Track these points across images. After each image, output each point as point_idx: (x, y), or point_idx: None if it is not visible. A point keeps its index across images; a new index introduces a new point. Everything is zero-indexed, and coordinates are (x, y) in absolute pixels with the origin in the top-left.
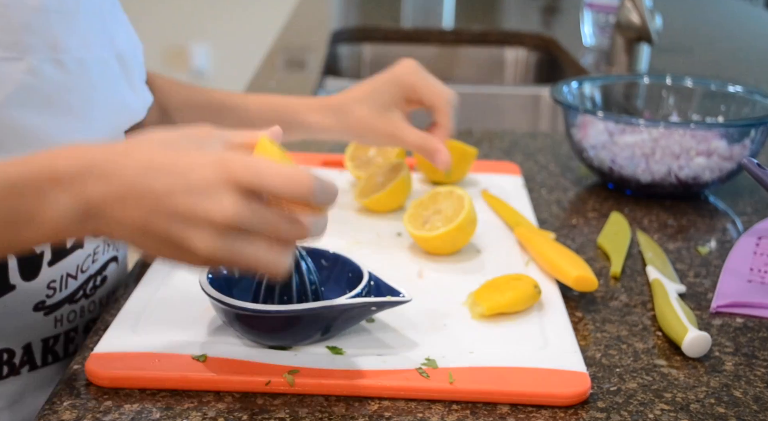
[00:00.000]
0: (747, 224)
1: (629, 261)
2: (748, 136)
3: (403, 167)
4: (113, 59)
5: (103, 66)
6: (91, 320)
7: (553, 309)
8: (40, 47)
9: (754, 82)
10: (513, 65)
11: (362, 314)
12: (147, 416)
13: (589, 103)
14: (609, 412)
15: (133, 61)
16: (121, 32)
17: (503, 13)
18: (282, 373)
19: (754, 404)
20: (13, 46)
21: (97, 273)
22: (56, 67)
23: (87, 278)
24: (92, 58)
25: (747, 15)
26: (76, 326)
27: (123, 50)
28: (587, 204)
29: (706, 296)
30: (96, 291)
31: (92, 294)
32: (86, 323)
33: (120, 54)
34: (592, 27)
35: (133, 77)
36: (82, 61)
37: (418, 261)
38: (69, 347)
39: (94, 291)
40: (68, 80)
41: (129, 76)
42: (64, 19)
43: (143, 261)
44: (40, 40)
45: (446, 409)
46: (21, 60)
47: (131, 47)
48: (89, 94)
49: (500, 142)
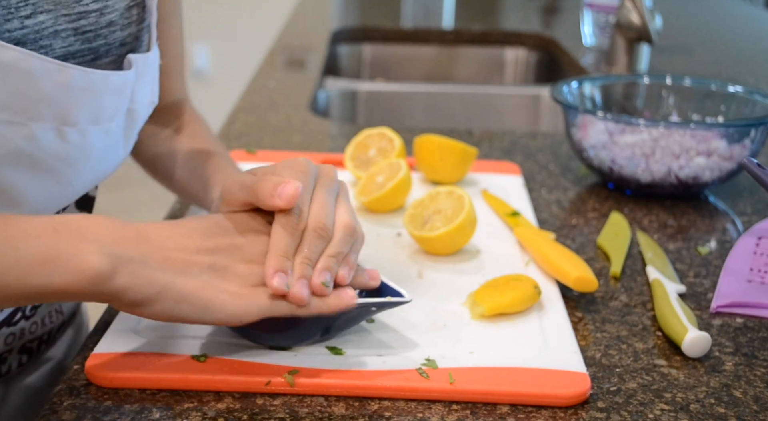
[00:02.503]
0: (747, 224)
1: (629, 261)
2: (748, 136)
3: (403, 167)
4: (122, 117)
5: (106, 135)
6: (30, 340)
7: (553, 309)
8: (48, 118)
9: (754, 82)
10: (513, 65)
11: (362, 314)
12: (147, 416)
13: (589, 103)
14: (609, 412)
15: (143, 115)
16: (146, 89)
17: (503, 13)
18: (282, 373)
19: (754, 404)
20: (22, 113)
21: None
22: (57, 136)
23: None
24: (98, 129)
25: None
26: (11, 347)
27: (139, 106)
28: (587, 204)
29: (706, 296)
30: (36, 311)
31: (32, 315)
32: (22, 344)
33: (133, 108)
34: (592, 27)
35: (133, 130)
36: (85, 132)
37: (418, 261)
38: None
39: (34, 312)
40: (64, 150)
41: (130, 130)
42: (85, 97)
43: None
44: (52, 112)
45: (446, 409)
46: (25, 126)
47: (148, 104)
48: (81, 164)
49: (500, 142)
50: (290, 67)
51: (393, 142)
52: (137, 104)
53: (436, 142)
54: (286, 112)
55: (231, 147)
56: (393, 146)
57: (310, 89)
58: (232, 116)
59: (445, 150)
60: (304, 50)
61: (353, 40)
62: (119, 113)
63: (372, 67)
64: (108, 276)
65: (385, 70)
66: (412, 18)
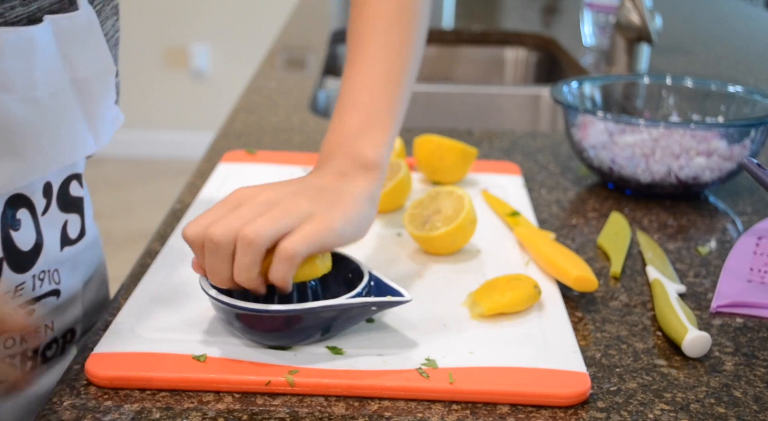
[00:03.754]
0: (747, 224)
1: (629, 261)
2: (748, 136)
3: (403, 167)
4: (67, 87)
5: (34, 107)
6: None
7: (553, 309)
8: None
9: (754, 82)
10: (513, 65)
11: (362, 314)
12: (147, 416)
13: (589, 103)
14: (609, 412)
15: (98, 86)
16: (90, 55)
17: (503, 13)
18: (282, 373)
19: (754, 404)
20: None
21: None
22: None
23: None
24: (14, 99)
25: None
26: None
27: (87, 75)
28: (587, 204)
29: (706, 296)
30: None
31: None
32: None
33: (79, 78)
34: (592, 27)
35: (91, 105)
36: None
37: (418, 261)
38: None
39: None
40: (10, 121)
41: (89, 105)
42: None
43: (142, 262)
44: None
45: (446, 409)
46: None
47: (101, 71)
48: (11, 139)
49: (500, 142)
50: (290, 67)
51: None
52: (82, 73)
53: (436, 142)
54: (286, 112)
55: (231, 147)
56: (393, 146)
57: (310, 89)
58: (232, 116)
59: (445, 150)
60: (304, 50)
61: None
62: (49, 78)
63: None
64: None
65: None
66: None
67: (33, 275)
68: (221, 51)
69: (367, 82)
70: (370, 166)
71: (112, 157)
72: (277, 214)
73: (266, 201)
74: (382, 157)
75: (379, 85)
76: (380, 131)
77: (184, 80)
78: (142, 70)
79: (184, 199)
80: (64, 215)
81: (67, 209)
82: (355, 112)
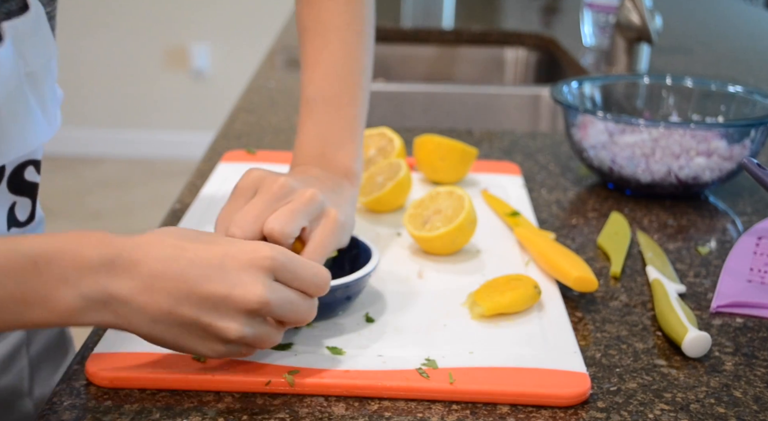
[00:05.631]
0: (747, 224)
1: (629, 261)
2: (748, 136)
3: (403, 167)
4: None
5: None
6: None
7: (553, 309)
8: None
9: (754, 82)
10: (513, 65)
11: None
12: (147, 416)
13: (589, 103)
14: (609, 412)
15: (45, 73)
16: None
17: (503, 13)
18: (282, 373)
19: (754, 404)
20: None
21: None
22: None
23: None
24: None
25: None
26: None
27: (36, 68)
28: (587, 204)
29: (706, 296)
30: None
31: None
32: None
33: (31, 72)
34: (592, 27)
35: (42, 92)
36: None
37: (418, 261)
38: None
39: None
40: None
41: (39, 94)
42: None
43: None
44: None
45: (446, 409)
46: None
47: (49, 58)
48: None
49: (500, 142)
50: (290, 67)
51: (393, 142)
52: (33, 66)
53: (436, 142)
54: (286, 112)
55: (231, 147)
56: (393, 146)
57: None
58: (232, 116)
59: (445, 150)
60: None
61: None
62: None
63: None
64: (79, 312)
65: (385, 70)
66: (412, 18)
67: None
68: (221, 51)
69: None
70: (352, 176)
71: (112, 157)
72: (300, 206)
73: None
74: (359, 166)
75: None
76: (355, 142)
77: (184, 80)
78: (142, 70)
79: (184, 200)
80: (14, 196)
81: (17, 192)
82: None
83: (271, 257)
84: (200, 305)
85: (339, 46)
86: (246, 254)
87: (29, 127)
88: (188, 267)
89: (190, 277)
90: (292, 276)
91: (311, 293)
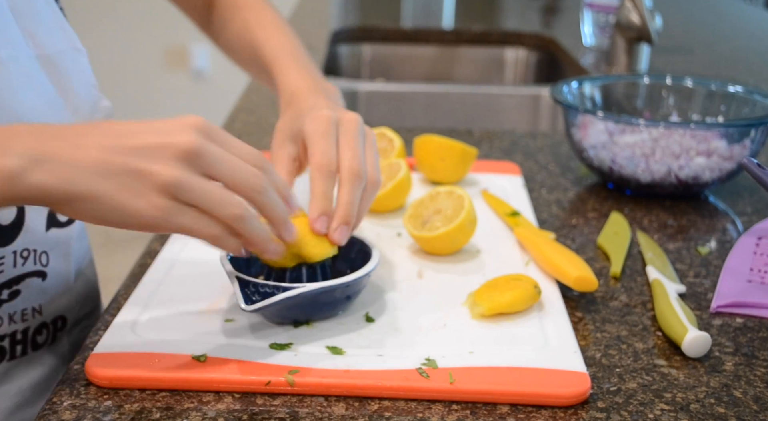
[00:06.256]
0: (747, 224)
1: (629, 261)
2: (748, 136)
3: (403, 167)
4: (33, 61)
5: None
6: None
7: (553, 309)
8: None
9: (754, 82)
10: (513, 65)
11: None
12: (147, 416)
13: (589, 103)
14: (609, 412)
15: (67, 63)
16: (52, 34)
17: (503, 13)
18: (282, 373)
19: (754, 404)
20: None
21: (4, 286)
22: None
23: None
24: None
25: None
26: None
27: (51, 52)
28: (587, 204)
29: (706, 296)
30: (2, 305)
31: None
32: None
33: (45, 55)
34: (592, 27)
35: (64, 82)
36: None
37: (418, 261)
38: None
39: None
40: None
41: (59, 81)
42: None
43: (142, 262)
44: None
45: (446, 409)
46: None
47: (67, 49)
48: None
49: (500, 142)
50: None
51: (393, 142)
52: (47, 49)
53: (436, 142)
54: None
55: None
56: (393, 146)
57: None
58: (232, 116)
59: (445, 150)
60: None
61: (353, 40)
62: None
63: (372, 67)
64: (18, 174)
65: (385, 70)
66: (412, 18)
67: (14, 251)
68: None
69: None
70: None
71: None
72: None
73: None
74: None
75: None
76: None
77: (184, 80)
78: (142, 70)
79: None
80: None
81: None
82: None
83: (198, 122)
84: (130, 152)
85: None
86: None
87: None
88: (115, 125)
89: (118, 131)
90: (221, 139)
91: (244, 156)
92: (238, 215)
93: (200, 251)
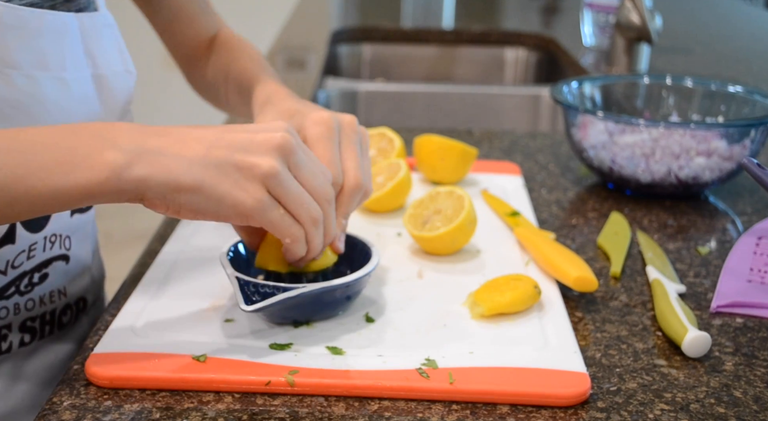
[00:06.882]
0: (747, 224)
1: (629, 261)
2: (748, 136)
3: (403, 167)
4: (86, 77)
5: (63, 87)
6: (30, 318)
7: (553, 309)
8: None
9: (754, 82)
10: (513, 65)
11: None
12: (147, 416)
13: (589, 103)
14: (609, 412)
15: (117, 84)
16: (110, 55)
17: (503, 13)
18: (282, 373)
19: (754, 404)
20: None
21: (35, 270)
22: (1, 79)
23: (20, 274)
24: (48, 77)
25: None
26: (9, 323)
27: (107, 72)
28: (587, 204)
29: (706, 296)
30: (33, 288)
31: (27, 291)
32: (22, 321)
33: (100, 75)
34: (592, 27)
35: (111, 102)
36: (33, 78)
37: (418, 261)
38: (1, 345)
39: (31, 288)
40: (11, 94)
41: (107, 99)
42: (18, 35)
43: (142, 262)
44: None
45: (446, 409)
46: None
47: (121, 71)
48: (37, 114)
49: (500, 142)
50: (290, 67)
51: (393, 142)
52: (103, 69)
53: (436, 142)
54: None
55: None
56: (393, 146)
57: (310, 89)
58: (232, 116)
59: (445, 150)
60: (304, 50)
61: (353, 40)
62: (75, 66)
63: (372, 67)
64: (124, 167)
65: (385, 70)
66: (412, 18)
67: (45, 237)
68: None
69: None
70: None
71: None
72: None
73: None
74: None
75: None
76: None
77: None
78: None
79: None
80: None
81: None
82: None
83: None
84: (231, 146)
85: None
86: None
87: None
88: (209, 126)
89: (215, 129)
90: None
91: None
92: (316, 218)
93: (200, 251)
